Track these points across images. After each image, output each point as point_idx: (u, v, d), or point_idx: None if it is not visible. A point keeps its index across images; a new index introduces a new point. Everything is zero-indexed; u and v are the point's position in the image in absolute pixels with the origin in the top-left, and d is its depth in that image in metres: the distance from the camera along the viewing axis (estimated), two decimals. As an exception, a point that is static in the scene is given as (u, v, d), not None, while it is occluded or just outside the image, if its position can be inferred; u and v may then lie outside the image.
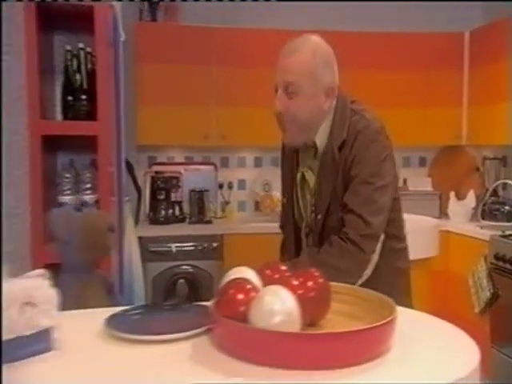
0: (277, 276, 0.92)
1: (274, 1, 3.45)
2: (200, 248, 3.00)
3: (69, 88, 1.90)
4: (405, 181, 3.62)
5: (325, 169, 1.31)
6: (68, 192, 1.92)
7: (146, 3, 3.14)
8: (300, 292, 0.82)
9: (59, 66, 2.04)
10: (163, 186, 3.20)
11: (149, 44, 3.11)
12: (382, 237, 1.30)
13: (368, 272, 1.30)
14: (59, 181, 1.94)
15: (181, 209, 3.28)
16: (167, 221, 3.16)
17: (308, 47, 1.28)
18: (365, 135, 1.27)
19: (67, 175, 1.93)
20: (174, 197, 3.26)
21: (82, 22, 1.91)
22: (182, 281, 2.93)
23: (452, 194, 3.32)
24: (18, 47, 1.91)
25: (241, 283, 0.82)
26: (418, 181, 3.59)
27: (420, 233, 2.30)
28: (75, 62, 1.90)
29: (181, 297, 2.91)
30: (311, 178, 1.36)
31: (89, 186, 1.95)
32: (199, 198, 3.26)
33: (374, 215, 1.25)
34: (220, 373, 0.73)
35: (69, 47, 1.92)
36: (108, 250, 1.18)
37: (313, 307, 0.83)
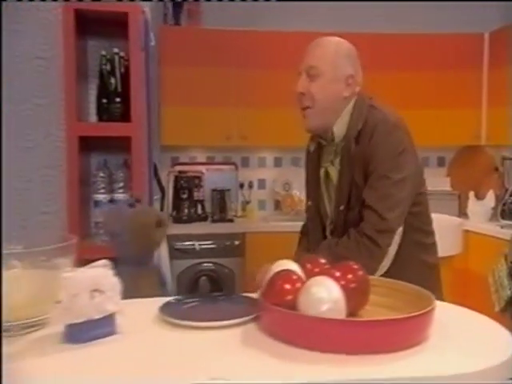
0: (317, 269, 0.98)
1: (295, 1, 3.51)
2: (222, 246, 3.07)
3: (103, 91, 1.98)
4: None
5: (344, 161, 1.36)
6: (102, 190, 2.01)
7: (170, 7, 3.22)
8: (342, 283, 0.87)
9: (92, 70, 2.12)
10: (186, 186, 3.28)
11: (172, 47, 3.20)
12: (400, 229, 1.32)
13: (385, 264, 1.32)
14: (94, 180, 2.03)
15: (203, 207, 3.35)
16: (190, 219, 3.24)
17: (333, 42, 1.40)
18: (382, 129, 1.31)
19: (102, 174, 2.01)
20: (196, 196, 3.34)
21: (115, 27, 2.00)
22: (204, 278, 3.01)
23: (471, 194, 3.35)
24: (55, 51, 2.00)
25: (287, 274, 0.88)
26: (437, 181, 3.61)
27: (443, 231, 2.33)
28: (110, 66, 1.98)
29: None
30: (334, 173, 1.40)
31: (121, 184, 2.03)
32: (221, 197, 3.33)
33: (391, 210, 1.27)
34: (273, 356, 0.80)
35: (104, 52, 2.00)
36: (157, 244, 1.25)
37: (353, 298, 0.89)
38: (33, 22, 1.99)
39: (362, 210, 1.31)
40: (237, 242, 3.08)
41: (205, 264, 3.04)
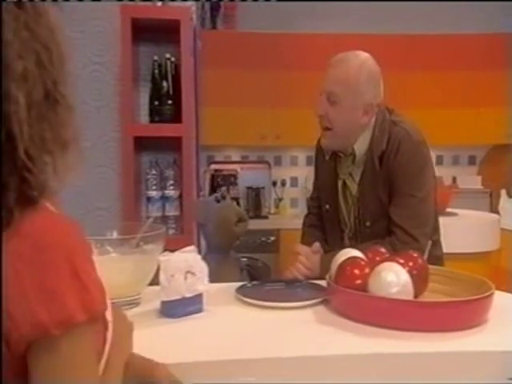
0: (378, 258, 1.08)
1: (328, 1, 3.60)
2: (258, 242, 3.18)
3: (156, 94, 2.11)
4: (454, 179, 3.69)
5: (367, 178, 1.36)
6: (154, 187, 2.13)
7: (207, 12, 3.35)
8: (406, 269, 0.97)
9: (142, 74, 2.26)
10: (222, 184, 3.40)
11: (210, 50, 3.32)
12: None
13: None
14: (146, 177, 2.16)
15: (238, 205, 3.47)
16: (226, 216, 3.36)
17: (355, 61, 1.34)
18: (406, 147, 1.31)
19: (153, 172, 2.14)
20: (231, 194, 3.46)
21: (165, 33, 2.13)
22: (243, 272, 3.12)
23: (503, 192, 3.38)
24: (110, 57, 2.14)
25: (356, 260, 0.99)
26: (468, 179, 3.66)
27: (480, 227, 2.39)
28: (161, 71, 2.11)
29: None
30: (352, 185, 1.41)
31: (172, 182, 2.15)
32: (256, 194, 3.45)
33: (419, 228, 1.29)
34: (347, 331, 0.90)
35: (156, 57, 2.13)
36: (237, 237, 1.37)
37: (415, 283, 0.99)
38: (91, 30, 2.13)
39: (389, 225, 1.33)
40: (272, 238, 3.19)
41: (242, 259, 3.15)
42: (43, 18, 0.61)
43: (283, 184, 3.71)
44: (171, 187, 2.14)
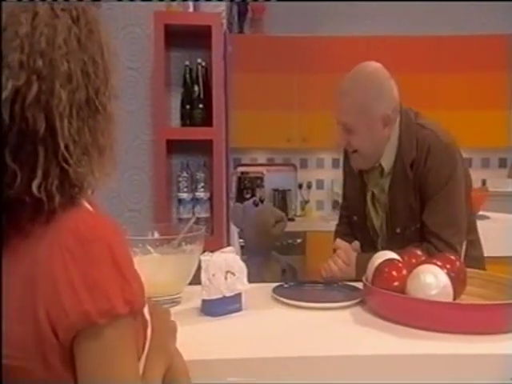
0: (414, 260, 1.08)
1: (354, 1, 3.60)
2: (285, 244, 3.19)
3: (187, 98, 2.15)
4: (484, 182, 3.63)
5: (397, 186, 1.34)
6: (185, 190, 2.18)
7: (235, 16, 3.39)
8: (444, 271, 0.97)
9: (174, 79, 2.31)
10: (249, 186, 3.43)
11: (237, 54, 3.36)
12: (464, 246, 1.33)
13: None
14: (177, 180, 2.20)
15: (265, 207, 3.50)
16: (253, 218, 3.39)
17: (360, 85, 1.31)
18: (436, 152, 1.28)
19: (184, 175, 2.18)
20: (257, 196, 3.49)
21: (196, 38, 2.17)
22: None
23: (535, 195, 3.30)
24: (143, 62, 2.20)
25: (393, 262, 1.00)
26: (499, 182, 3.59)
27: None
28: (192, 75, 2.15)
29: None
30: (381, 195, 1.40)
31: (202, 184, 2.19)
32: (282, 197, 3.47)
33: (458, 236, 1.28)
34: (385, 332, 0.91)
35: (187, 62, 2.18)
36: (275, 239, 1.40)
37: (453, 285, 0.99)
38: (125, 36, 2.19)
39: (423, 232, 1.31)
40: (299, 240, 3.20)
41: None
42: (94, 35, 0.68)
43: (309, 186, 3.72)
44: (201, 189, 2.18)
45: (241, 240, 1.44)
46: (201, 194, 2.18)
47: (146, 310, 0.71)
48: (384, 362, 0.86)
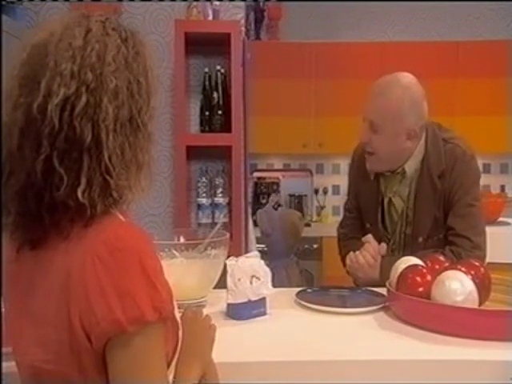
0: (437, 266, 1.08)
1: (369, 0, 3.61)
2: (301, 249, 3.19)
3: (206, 104, 2.18)
4: (503, 187, 3.60)
5: (422, 196, 1.39)
6: (204, 195, 2.20)
7: (252, 23, 3.43)
8: (469, 277, 0.98)
9: (192, 86, 2.34)
10: (265, 191, 3.45)
11: (255, 61, 3.39)
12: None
13: None
14: (197, 185, 2.23)
15: (280, 212, 3.51)
16: (269, 223, 3.41)
17: (396, 90, 1.34)
18: (463, 162, 1.37)
19: (204, 180, 2.21)
20: (273, 201, 3.50)
21: (214, 46, 2.21)
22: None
23: (556, 201, 3.26)
24: (163, 70, 2.24)
25: (417, 268, 1.00)
26: (518, 188, 3.55)
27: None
28: (212, 82, 2.19)
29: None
30: (398, 202, 1.43)
31: (221, 189, 2.22)
32: (298, 202, 3.47)
33: (480, 236, 1.35)
34: (410, 337, 0.92)
35: (206, 69, 2.21)
36: (301, 237, 1.42)
37: (478, 292, 0.99)
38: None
39: (449, 236, 1.35)
40: (315, 246, 3.20)
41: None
42: (140, 57, 0.71)
43: (325, 192, 3.72)
44: (220, 194, 2.21)
45: (259, 245, 1.45)
46: (219, 199, 2.20)
47: (176, 313, 0.73)
48: (409, 367, 0.87)
